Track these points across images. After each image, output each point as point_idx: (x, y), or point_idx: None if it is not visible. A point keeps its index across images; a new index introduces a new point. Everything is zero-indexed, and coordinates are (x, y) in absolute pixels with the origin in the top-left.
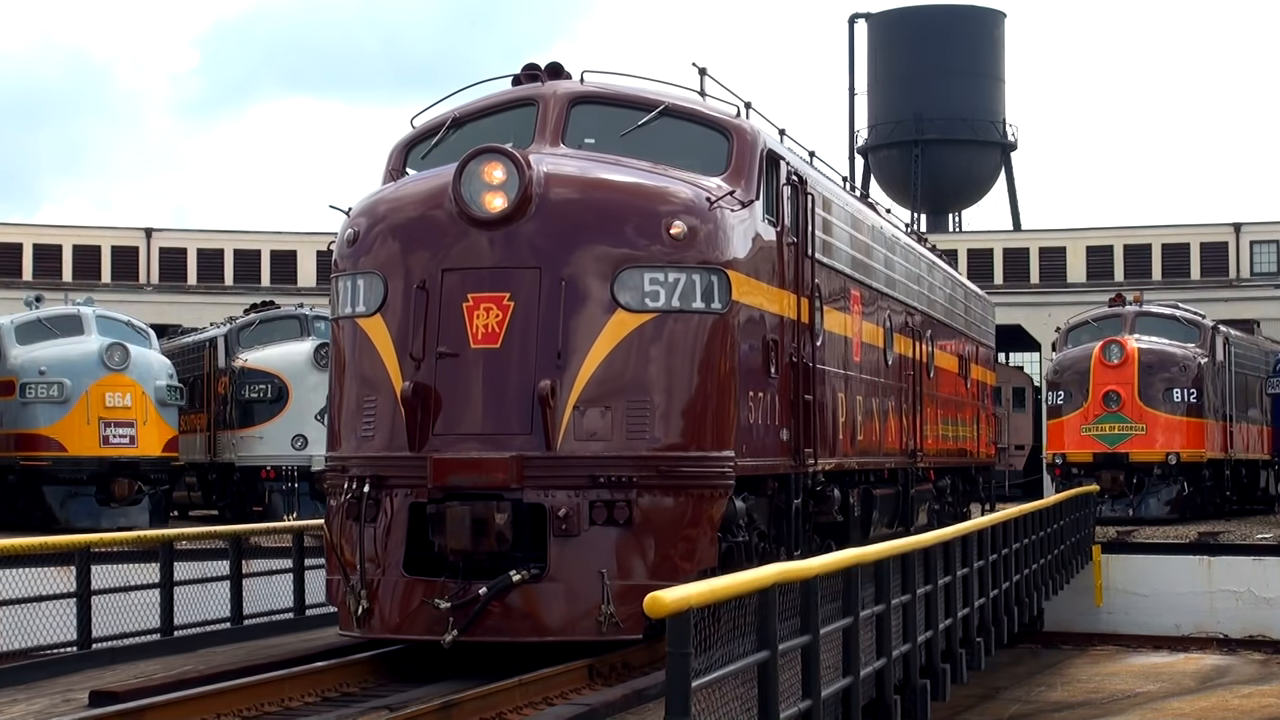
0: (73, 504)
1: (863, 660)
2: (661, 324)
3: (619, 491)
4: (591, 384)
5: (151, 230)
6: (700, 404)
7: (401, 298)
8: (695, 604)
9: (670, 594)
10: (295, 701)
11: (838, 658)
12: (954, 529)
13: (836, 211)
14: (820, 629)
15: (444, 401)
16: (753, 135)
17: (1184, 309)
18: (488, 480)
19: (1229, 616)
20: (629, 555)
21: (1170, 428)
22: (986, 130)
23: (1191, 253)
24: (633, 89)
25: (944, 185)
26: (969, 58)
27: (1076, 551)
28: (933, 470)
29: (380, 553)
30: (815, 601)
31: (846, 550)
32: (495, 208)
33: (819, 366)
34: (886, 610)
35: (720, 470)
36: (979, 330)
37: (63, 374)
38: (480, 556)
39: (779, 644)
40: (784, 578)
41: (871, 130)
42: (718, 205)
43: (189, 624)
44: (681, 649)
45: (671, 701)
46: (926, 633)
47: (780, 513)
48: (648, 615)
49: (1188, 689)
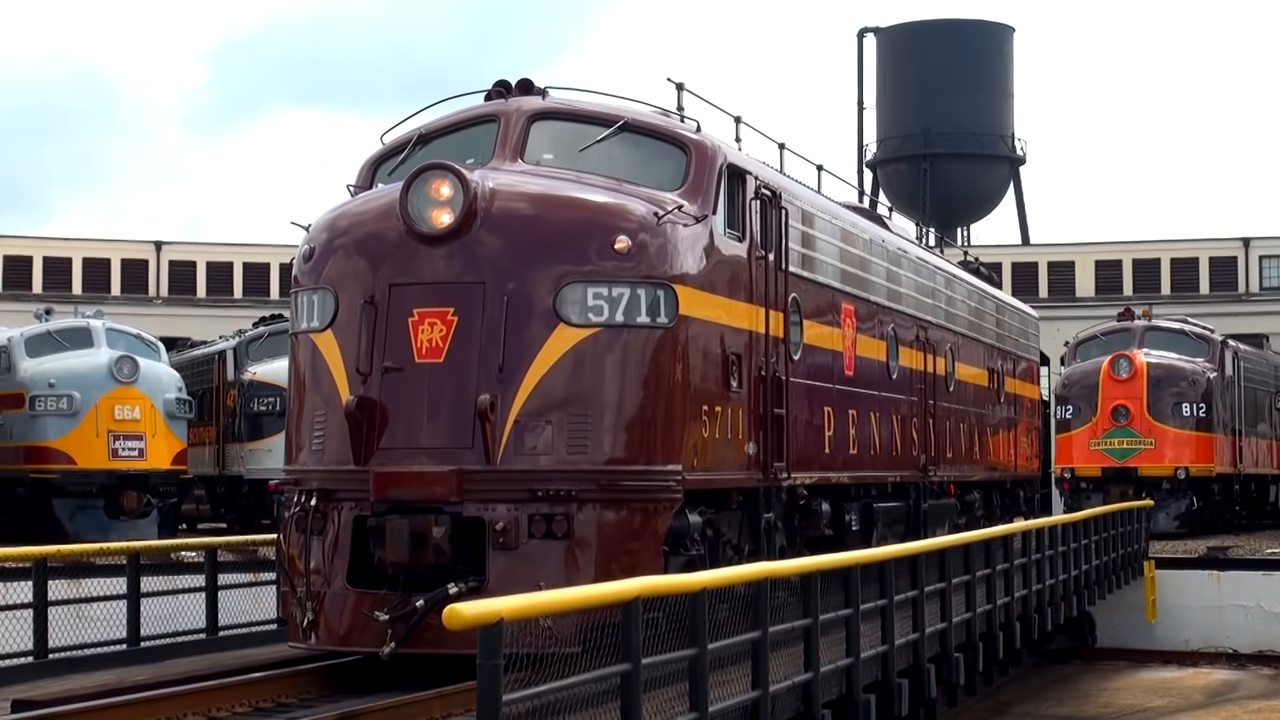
0: (81, 517)
1: (782, 676)
2: (605, 339)
3: (559, 505)
4: (533, 398)
5: (161, 243)
6: (645, 418)
7: (351, 313)
8: (509, 616)
9: (471, 606)
10: (223, 711)
11: (787, 668)
12: (911, 546)
13: (821, 226)
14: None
15: (389, 415)
16: (712, 150)
17: (1193, 323)
18: (427, 494)
19: (1238, 631)
20: (568, 568)
21: (1179, 442)
22: (995, 144)
23: (1200, 267)
24: (593, 105)
25: (952, 199)
26: (978, 72)
27: (1123, 565)
28: (954, 484)
29: (327, 565)
30: (704, 618)
31: (751, 565)
32: (441, 223)
33: (797, 380)
34: (814, 627)
35: (664, 484)
36: (1017, 344)
37: (72, 387)
38: (420, 569)
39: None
40: (651, 591)
41: (880, 144)
42: (666, 220)
43: (161, 634)
44: (492, 660)
45: (481, 714)
46: (879, 648)
47: (757, 527)
48: (446, 626)
49: (1197, 704)
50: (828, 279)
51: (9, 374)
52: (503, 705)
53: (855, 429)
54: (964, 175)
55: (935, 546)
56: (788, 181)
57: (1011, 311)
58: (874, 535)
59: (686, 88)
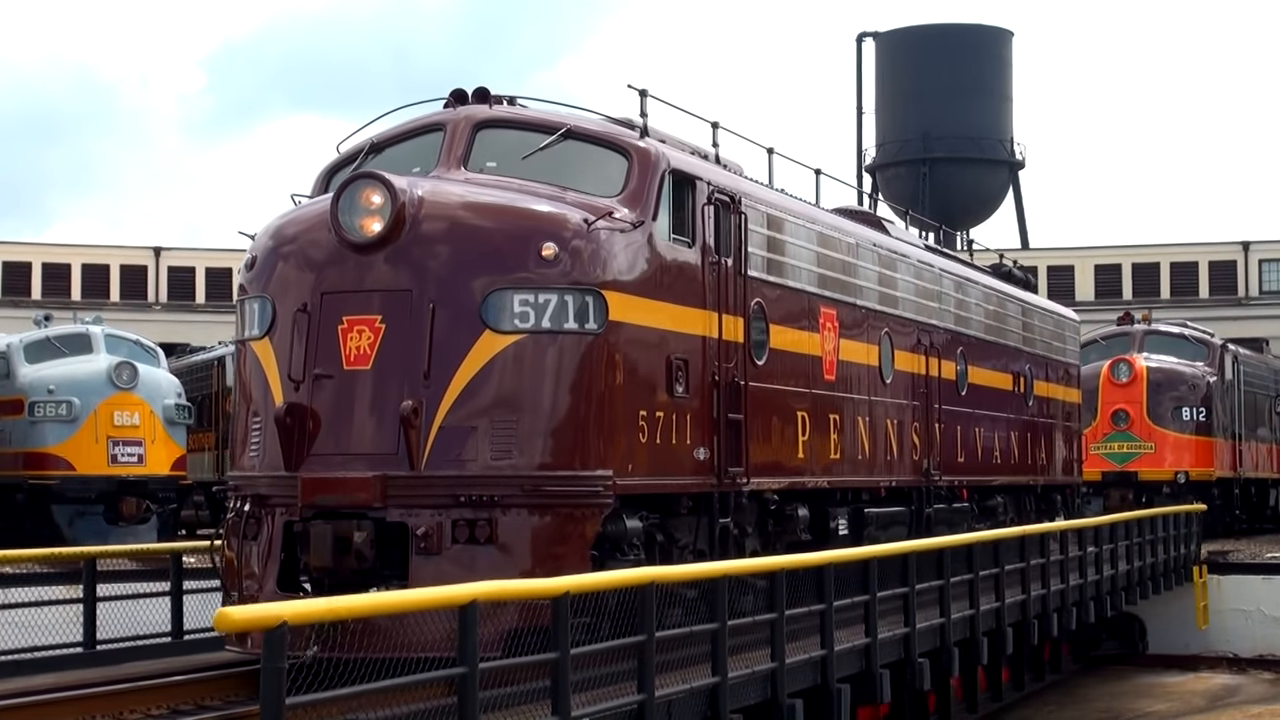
0: (80, 523)
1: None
2: (531, 344)
3: (482, 510)
4: (458, 404)
5: (160, 249)
6: (572, 423)
7: (286, 320)
8: (293, 620)
9: (241, 611)
10: (135, 713)
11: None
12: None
13: (793, 230)
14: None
15: (320, 422)
16: (655, 156)
17: (1192, 327)
18: (351, 500)
19: (1238, 636)
20: (491, 574)
21: (1179, 446)
22: (994, 149)
23: (1200, 271)
24: (539, 113)
25: (952, 204)
26: (977, 76)
27: (1170, 569)
28: (967, 488)
29: (260, 570)
30: (566, 623)
31: (629, 570)
32: (371, 232)
33: (762, 385)
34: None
35: (592, 489)
36: (1050, 347)
37: (71, 393)
38: (345, 574)
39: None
40: (485, 595)
41: (879, 149)
42: (596, 226)
43: (119, 639)
44: (274, 663)
45: (265, 714)
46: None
47: (726, 533)
48: (216, 629)
49: (1197, 709)
50: (801, 283)
51: (8, 380)
52: (285, 709)
53: (838, 433)
54: (963, 179)
55: (895, 551)
56: (752, 186)
57: (1044, 315)
58: (864, 540)
59: (652, 94)
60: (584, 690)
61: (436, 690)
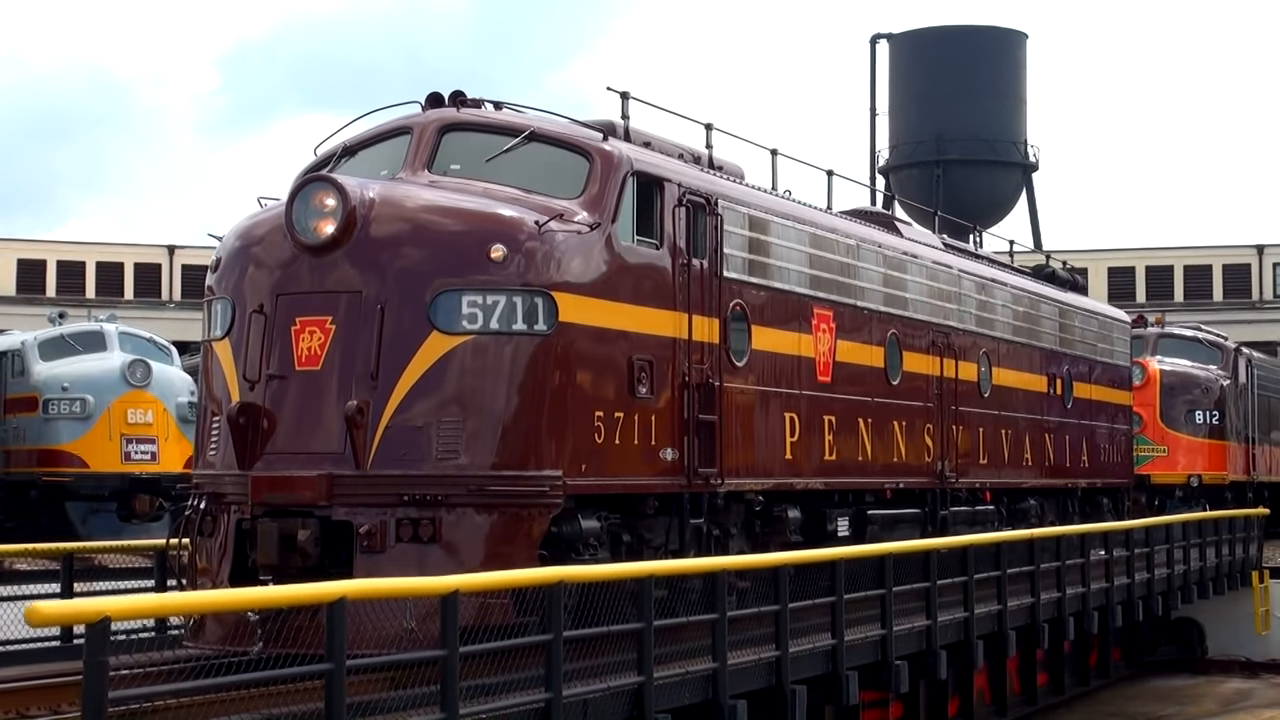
0: (94, 520)
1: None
2: (479, 345)
3: (426, 510)
4: (404, 405)
5: (174, 247)
6: (520, 423)
7: (243, 321)
8: (117, 615)
9: (51, 606)
10: (40, 710)
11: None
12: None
13: (780, 231)
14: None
15: (274, 422)
16: (617, 158)
17: (1206, 331)
18: (297, 498)
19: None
20: (436, 572)
21: (1192, 449)
22: (1008, 151)
23: (1214, 274)
24: (505, 117)
25: (965, 205)
26: (990, 78)
27: (1226, 573)
28: (991, 491)
29: (214, 567)
30: (454, 621)
31: (548, 569)
32: (323, 233)
33: (742, 386)
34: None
35: (538, 489)
36: (1093, 348)
37: (85, 390)
38: (290, 571)
39: None
40: (357, 594)
41: (893, 150)
42: (547, 228)
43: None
44: (97, 658)
45: (86, 711)
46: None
47: (699, 533)
48: (28, 624)
49: (1210, 712)
50: (790, 285)
51: (22, 377)
52: (109, 703)
53: (834, 435)
54: (976, 181)
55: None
56: (731, 187)
57: (1087, 316)
58: (867, 541)
59: (635, 97)
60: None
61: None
